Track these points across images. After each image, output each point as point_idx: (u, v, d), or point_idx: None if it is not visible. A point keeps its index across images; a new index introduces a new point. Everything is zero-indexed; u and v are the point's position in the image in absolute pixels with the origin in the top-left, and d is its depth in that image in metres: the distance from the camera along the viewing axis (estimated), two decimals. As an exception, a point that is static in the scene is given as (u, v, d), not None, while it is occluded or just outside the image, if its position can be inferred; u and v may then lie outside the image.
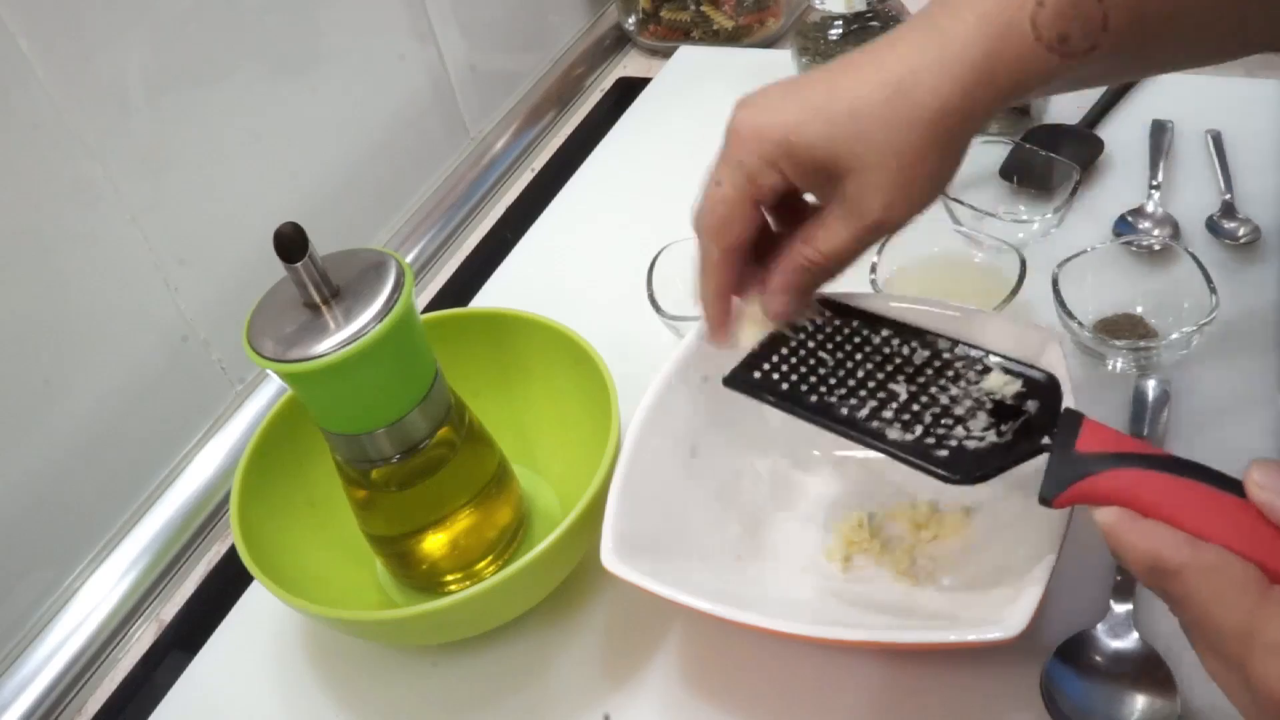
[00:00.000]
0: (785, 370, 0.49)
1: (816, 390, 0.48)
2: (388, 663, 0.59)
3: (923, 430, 0.45)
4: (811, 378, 0.48)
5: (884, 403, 0.46)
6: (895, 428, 0.45)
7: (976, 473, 0.43)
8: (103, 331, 0.66)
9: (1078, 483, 0.39)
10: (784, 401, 0.48)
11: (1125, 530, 0.37)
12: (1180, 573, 0.35)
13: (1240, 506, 0.36)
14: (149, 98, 0.66)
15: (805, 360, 0.49)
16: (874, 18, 0.86)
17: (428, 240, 0.91)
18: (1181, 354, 0.61)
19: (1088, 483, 0.39)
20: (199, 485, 0.72)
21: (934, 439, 0.44)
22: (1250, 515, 0.36)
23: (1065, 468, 0.40)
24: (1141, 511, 0.37)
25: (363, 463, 0.53)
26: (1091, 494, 0.39)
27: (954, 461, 0.43)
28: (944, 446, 0.44)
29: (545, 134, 1.02)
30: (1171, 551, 0.36)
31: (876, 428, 0.45)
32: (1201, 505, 0.37)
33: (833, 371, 0.48)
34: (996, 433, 0.44)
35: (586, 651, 0.57)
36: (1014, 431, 0.44)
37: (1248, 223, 0.69)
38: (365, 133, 0.85)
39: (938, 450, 0.44)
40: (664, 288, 0.69)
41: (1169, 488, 0.38)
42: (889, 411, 0.46)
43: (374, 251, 0.51)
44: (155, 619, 0.68)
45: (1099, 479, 0.39)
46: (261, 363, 0.47)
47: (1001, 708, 0.50)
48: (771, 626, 0.46)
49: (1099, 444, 0.41)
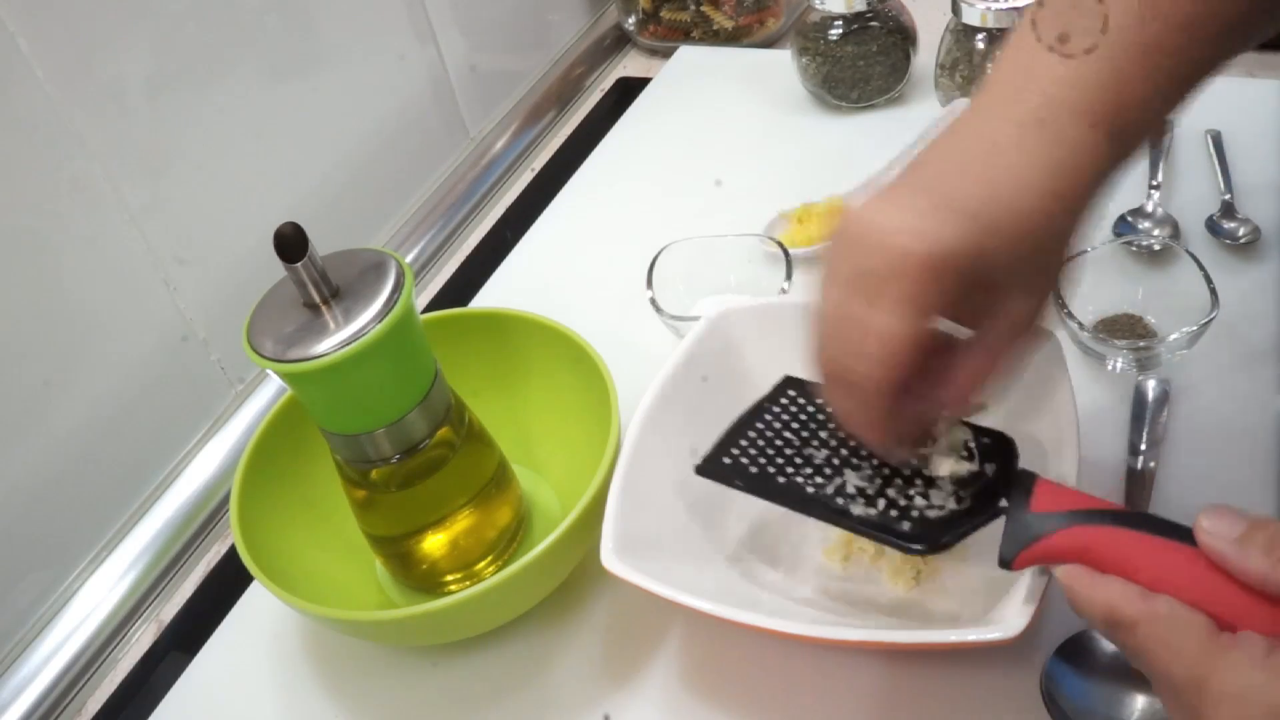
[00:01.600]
0: (754, 453, 0.49)
1: (784, 471, 0.48)
2: (388, 663, 0.59)
3: (885, 504, 0.46)
4: (779, 459, 0.48)
5: (846, 481, 0.47)
6: (859, 503, 0.46)
7: (941, 540, 0.44)
8: (103, 331, 0.66)
9: (1034, 544, 0.41)
10: (754, 485, 0.48)
11: (1082, 585, 0.38)
12: (1135, 625, 0.36)
13: (1191, 555, 0.37)
14: (149, 98, 0.66)
15: (773, 441, 0.49)
16: (874, 18, 0.86)
17: (428, 240, 0.91)
18: (1181, 354, 0.61)
19: (1044, 543, 0.41)
20: (199, 485, 0.72)
21: (897, 511, 0.45)
22: (1200, 563, 0.37)
23: (1021, 529, 0.42)
24: (1097, 566, 0.39)
25: (362, 463, 0.53)
26: (1049, 553, 0.41)
27: (917, 533, 0.44)
28: (907, 518, 0.45)
29: (545, 134, 1.03)
30: (1125, 604, 0.37)
31: (841, 505, 0.46)
32: (1153, 557, 0.38)
33: (799, 451, 0.49)
34: (956, 499, 0.45)
35: (586, 651, 0.57)
36: (973, 496, 0.45)
37: (1248, 223, 0.69)
38: (365, 133, 0.85)
39: (901, 523, 0.45)
40: (664, 288, 0.69)
41: (1121, 542, 0.39)
42: (851, 488, 0.47)
43: (374, 251, 0.51)
44: (155, 619, 0.68)
45: (1054, 538, 0.41)
46: (261, 363, 0.47)
47: (1001, 708, 0.50)
48: (771, 626, 0.46)
49: (1053, 503, 0.42)
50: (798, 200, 0.79)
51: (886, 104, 0.90)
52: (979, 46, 0.80)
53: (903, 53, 0.88)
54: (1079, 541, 0.40)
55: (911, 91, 0.90)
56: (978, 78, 0.81)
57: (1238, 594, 0.36)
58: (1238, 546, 0.36)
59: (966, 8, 0.79)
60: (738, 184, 0.85)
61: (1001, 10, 0.77)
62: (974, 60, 0.81)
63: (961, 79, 0.82)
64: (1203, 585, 0.36)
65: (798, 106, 0.93)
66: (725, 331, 0.59)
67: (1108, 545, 0.39)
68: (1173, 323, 0.62)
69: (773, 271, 0.70)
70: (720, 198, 0.84)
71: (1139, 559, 0.38)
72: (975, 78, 0.81)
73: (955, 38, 0.82)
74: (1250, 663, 0.34)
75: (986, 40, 0.80)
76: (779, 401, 0.51)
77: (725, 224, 0.75)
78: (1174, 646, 0.35)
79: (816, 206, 0.78)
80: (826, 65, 0.88)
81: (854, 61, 0.87)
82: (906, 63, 0.88)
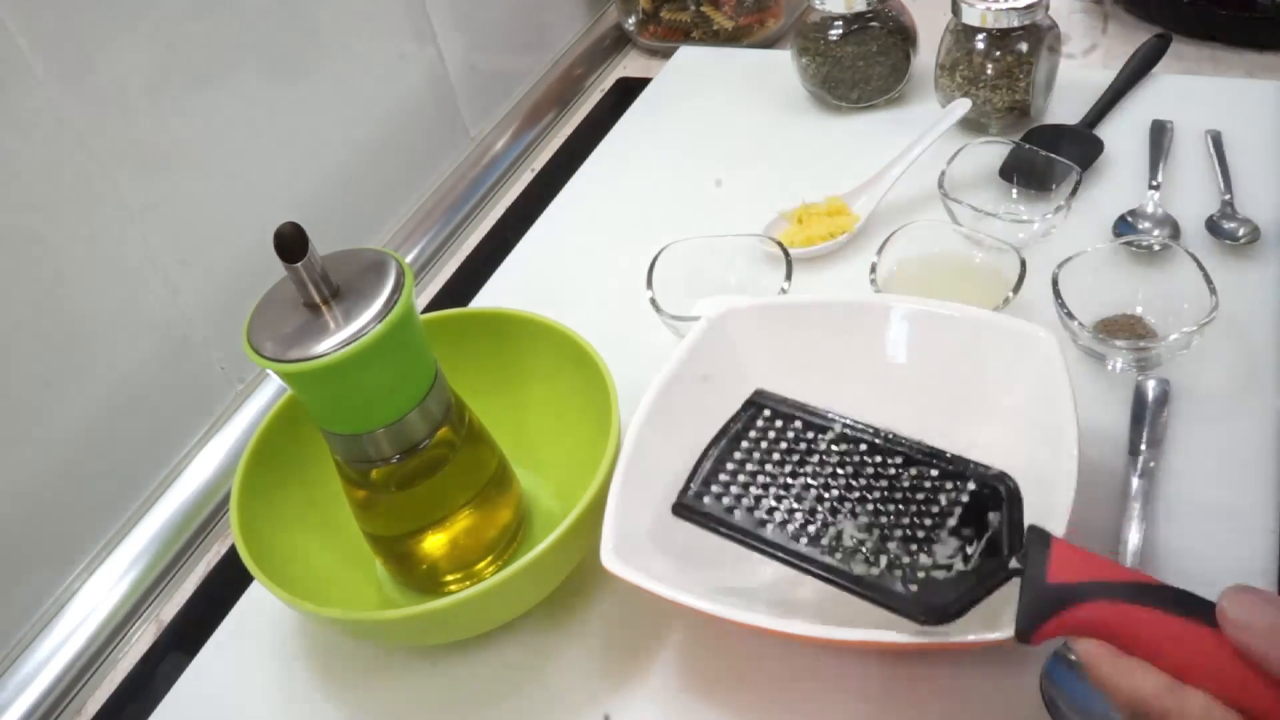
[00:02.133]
0: (737, 492, 0.47)
1: (772, 516, 0.46)
2: (388, 663, 0.59)
3: (888, 562, 0.44)
4: (765, 499, 0.47)
5: (843, 531, 0.45)
6: (859, 561, 0.44)
7: (950, 611, 0.43)
8: (103, 331, 0.66)
9: (1054, 618, 0.39)
10: (740, 533, 0.46)
11: (1107, 668, 0.37)
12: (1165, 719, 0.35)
13: (1218, 641, 0.36)
14: (149, 98, 0.66)
15: (755, 476, 0.48)
16: (874, 18, 0.86)
17: (428, 240, 0.91)
18: (1181, 354, 0.61)
19: (1064, 617, 0.39)
20: (199, 485, 0.72)
21: (900, 571, 0.44)
22: (1227, 649, 0.35)
23: (1039, 600, 0.40)
24: (1120, 646, 0.37)
25: (362, 463, 0.53)
26: (1069, 627, 0.39)
27: (924, 600, 0.43)
28: (913, 580, 0.43)
29: (545, 134, 1.03)
30: (1155, 698, 0.36)
31: (840, 562, 0.45)
32: (1180, 644, 0.37)
33: (786, 489, 0.47)
34: (963, 557, 0.43)
35: (586, 651, 0.57)
36: (980, 553, 0.43)
37: (1247, 223, 0.70)
38: (365, 133, 0.85)
39: (907, 584, 0.43)
40: (664, 288, 0.69)
41: (1146, 622, 0.37)
42: (850, 539, 0.45)
43: (374, 251, 0.51)
44: (155, 619, 0.68)
45: (1075, 612, 0.39)
46: (261, 363, 0.47)
47: (1001, 708, 0.50)
48: (771, 626, 0.46)
49: (1072, 571, 0.40)
50: (798, 200, 0.79)
51: (886, 104, 0.90)
52: (979, 47, 0.80)
53: (903, 53, 0.88)
54: (1100, 617, 0.38)
55: (911, 92, 0.90)
56: (978, 78, 0.81)
57: (1267, 688, 0.35)
58: (1268, 641, 0.34)
59: (966, 8, 0.79)
60: (738, 184, 0.85)
61: (1001, 10, 0.77)
62: (974, 60, 0.81)
63: (961, 79, 0.82)
64: (1231, 678, 0.35)
65: (798, 106, 0.93)
66: (725, 331, 0.59)
67: (1132, 625, 0.38)
68: (1173, 323, 0.62)
69: (773, 271, 0.70)
70: (720, 198, 0.84)
71: (1165, 644, 0.37)
72: (975, 78, 0.81)
73: (955, 38, 0.82)
74: None
75: (986, 40, 0.80)
76: (755, 425, 0.49)
77: (725, 224, 0.75)
78: None
79: (816, 206, 0.78)
80: (826, 65, 0.88)
81: (854, 62, 0.87)
82: (906, 63, 0.88)
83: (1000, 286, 0.64)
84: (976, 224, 0.70)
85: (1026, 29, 0.79)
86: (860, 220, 0.77)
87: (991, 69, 0.80)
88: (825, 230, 0.76)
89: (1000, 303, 0.63)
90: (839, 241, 0.76)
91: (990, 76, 0.80)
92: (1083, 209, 0.73)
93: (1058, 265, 0.63)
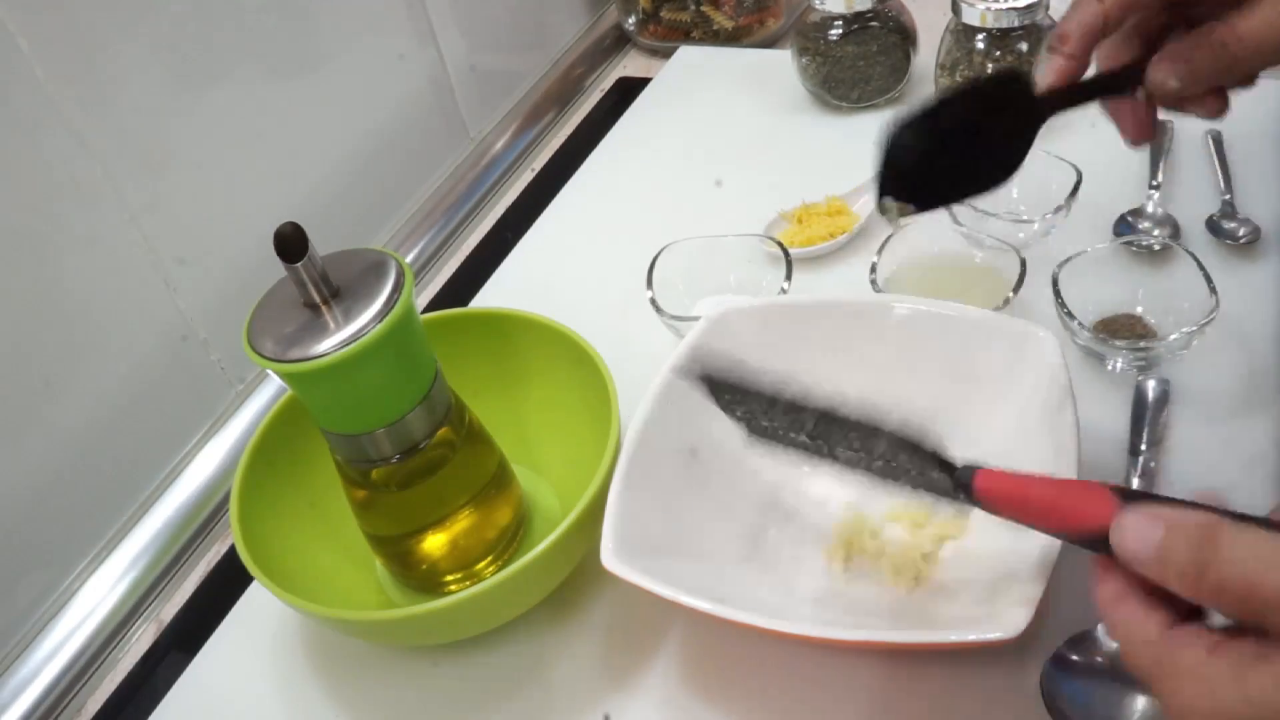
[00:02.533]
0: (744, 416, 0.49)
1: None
2: (388, 663, 0.59)
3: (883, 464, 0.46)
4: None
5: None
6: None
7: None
8: (103, 331, 0.66)
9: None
10: (768, 396, 0.48)
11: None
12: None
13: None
14: (149, 98, 0.66)
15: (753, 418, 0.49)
16: (874, 18, 0.86)
17: (428, 240, 0.91)
18: (1181, 354, 0.61)
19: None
20: (199, 485, 0.72)
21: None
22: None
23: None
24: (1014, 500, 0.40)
25: (363, 463, 0.53)
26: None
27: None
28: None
29: (545, 134, 1.03)
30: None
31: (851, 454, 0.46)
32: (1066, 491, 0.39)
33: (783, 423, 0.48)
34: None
35: (586, 651, 0.57)
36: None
37: (1248, 223, 0.70)
38: (365, 133, 0.85)
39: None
40: (664, 288, 0.69)
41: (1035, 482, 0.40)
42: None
43: (374, 251, 0.51)
44: (155, 619, 0.68)
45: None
46: (261, 363, 0.47)
47: (1001, 708, 0.50)
48: (771, 626, 0.46)
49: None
50: (798, 200, 0.79)
51: (886, 104, 0.90)
52: (979, 46, 0.80)
53: (903, 53, 0.88)
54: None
55: (911, 92, 0.90)
56: (978, 78, 0.81)
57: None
58: (1159, 570, 0.34)
59: (966, 8, 0.79)
60: (738, 184, 0.85)
61: (1001, 10, 0.77)
62: (974, 60, 0.81)
63: (962, 79, 0.82)
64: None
65: (798, 106, 0.93)
66: (725, 331, 0.59)
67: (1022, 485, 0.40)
68: (1173, 323, 0.62)
69: (773, 271, 0.70)
70: (720, 198, 0.84)
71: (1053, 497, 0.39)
72: (976, 78, 0.81)
73: (955, 38, 0.82)
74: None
75: (986, 40, 0.80)
76: (730, 408, 0.50)
77: (725, 224, 0.75)
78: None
79: (816, 206, 0.78)
80: (826, 65, 0.88)
81: (854, 61, 0.87)
82: (906, 63, 0.88)
83: (1000, 286, 0.64)
84: (976, 224, 0.70)
85: (1026, 29, 0.79)
86: (860, 220, 0.77)
87: (992, 69, 0.80)
88: (825, 230, 0.76)
89: (1000, 303, 0.63)
90: (839, 241, 0.76)
91: (990, 76, 0.80)
92: (1083, 209, 0.73)
93: (1058, 265, 0.63)
